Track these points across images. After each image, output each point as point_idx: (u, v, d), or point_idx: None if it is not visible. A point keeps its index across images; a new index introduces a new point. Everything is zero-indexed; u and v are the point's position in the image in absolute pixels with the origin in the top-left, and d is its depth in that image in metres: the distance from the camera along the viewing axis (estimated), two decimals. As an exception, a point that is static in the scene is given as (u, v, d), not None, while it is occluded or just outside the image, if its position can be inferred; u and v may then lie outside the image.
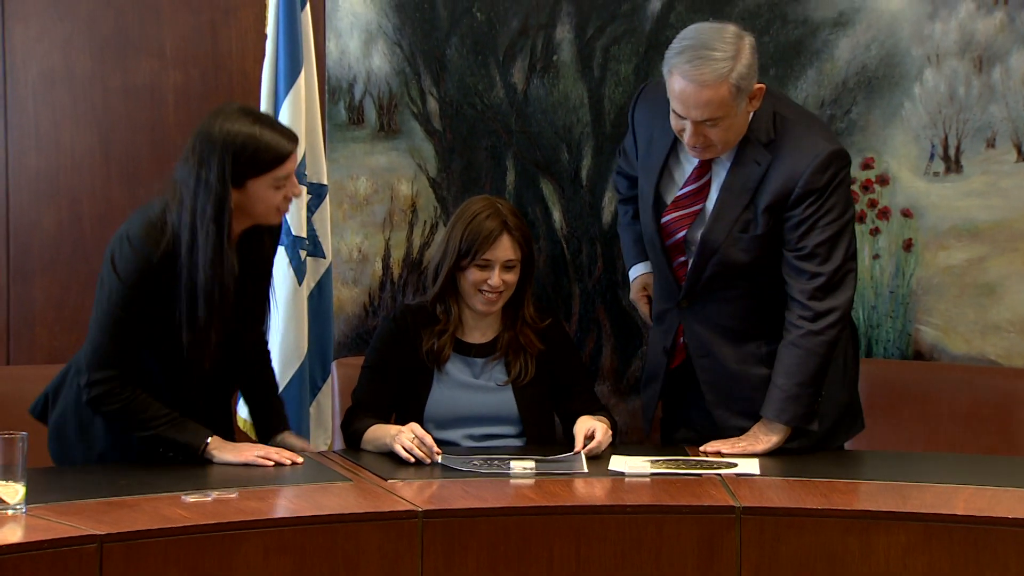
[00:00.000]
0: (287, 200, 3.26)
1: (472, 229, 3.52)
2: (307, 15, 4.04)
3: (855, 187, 4.13)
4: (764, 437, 3.42)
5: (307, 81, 4.00)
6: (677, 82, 3.27)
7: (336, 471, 3.25)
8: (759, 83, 3.32)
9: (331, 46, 4.26)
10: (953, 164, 4.18)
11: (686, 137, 3.33)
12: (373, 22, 4.25)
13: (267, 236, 3.38)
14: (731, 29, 3.30)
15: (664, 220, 3.50)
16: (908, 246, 4.21)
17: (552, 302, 4.29)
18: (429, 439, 3.33)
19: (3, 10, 4.19)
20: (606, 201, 4.27)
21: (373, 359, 3.63)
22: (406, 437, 3.32)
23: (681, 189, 3.48)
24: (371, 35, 4.25)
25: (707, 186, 3.45)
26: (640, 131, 3.59)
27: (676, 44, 3.30)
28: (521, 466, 3.21)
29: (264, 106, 4.00)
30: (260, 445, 3.33)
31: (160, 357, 3.28)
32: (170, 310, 3.22)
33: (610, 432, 3.46)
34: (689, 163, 3.47)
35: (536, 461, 3.24)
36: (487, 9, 4.24)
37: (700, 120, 3.28)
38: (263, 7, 4.08)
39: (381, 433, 3.44)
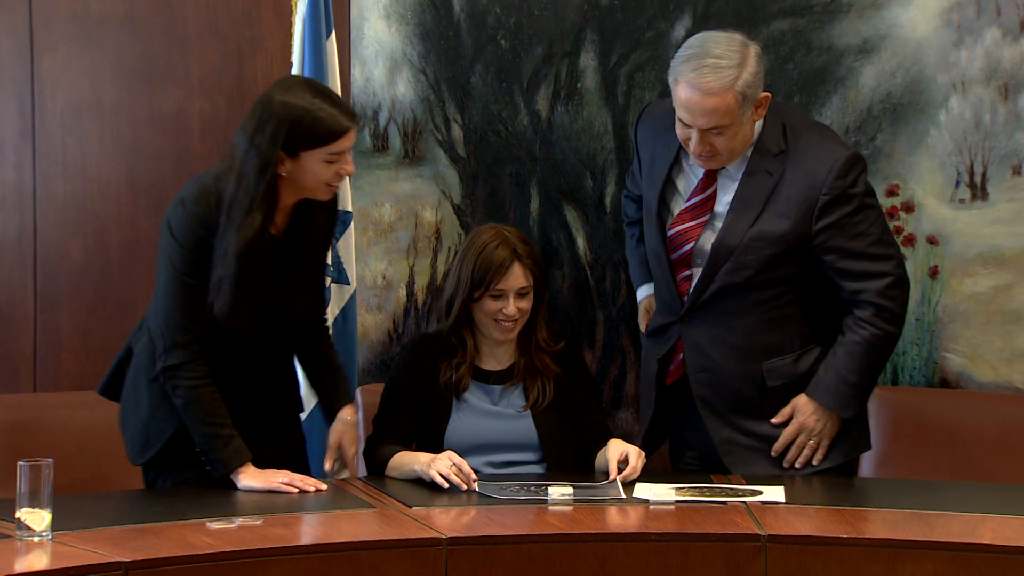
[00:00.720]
0: (339, 177, 3.26)
1: (483, 260, 3.53)
2: (332, 43, 4.07)
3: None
4: (824, 422, 3.44)
5: None
6: (683, 90, 3.29)
7: (360, 498, 3.26)
8: (765, 92, 3.33)
9: (356, 74, 4.28)
10: (979, 191, 4.16)
11: (692, 146, 3.35)
12: (398, 50, 4.28)
13: (320, 212, 3.37)
14: (737, 38, 3.32)
15: (671, 232, 3.51)
16: (934, 273, 4.20)
17: (576, 329, 4.29)
18: (467, 466, 3.33)
19: (32, 40, 4.23)
20: None
21: (392, 388, 3.66)
22: (443, 464, 3.32)
23: (687, 200, 3.49)
24: (396, 63, 4.28)
25: (713, 197, 3.46)
26: (644, 148, 3.61)
27: (682, 52, 3.33)
28: (559, 492, 3.21)
29: None
30: (286, 472, 3.34)
31: (218, 331, 3.28)
32: None
33: (643, 456, 3.45)
34: (694, 173, 3.48)
35: (574, 487, 3.23)
36: (511, 37, 4.26)
37: (706, 128, 3.30)
38: (289, 35, 4.15)
39: (409, 460, 3.45)
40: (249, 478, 3.27)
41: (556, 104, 4.27)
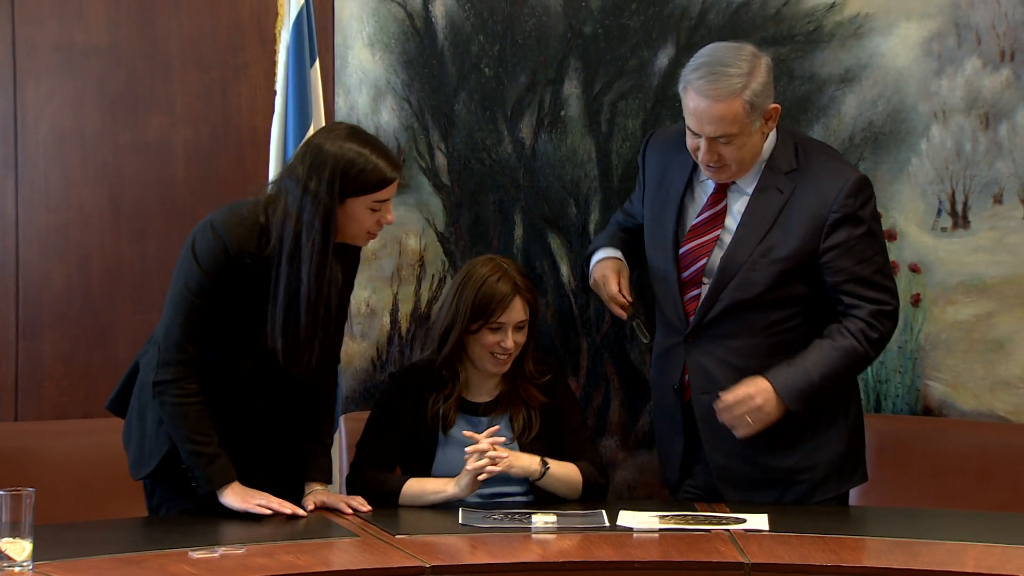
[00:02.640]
0: (379, 225, 3.33)
1: (484, 292, 3.53)
2: (316, 71, 4.06)
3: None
4: (769, 404, 3.38)
5: None
6: (692, 98, 3.31)
7: (343, 526, 3.25)
8: (775, 103, 3.34)
9: (340, 102, 4.27)
10: (960, 220, 4.18)
11: (700, 155, 3.36)
12: (382, 78, 4.27)
13: (348, 257, 3.43)
14: (748, 48, 3.35)
15: (683, 250, 3.50)
16: (916, 301, 4.21)
17: (560, 357, 4.28)
18: (485, 441, 3.39)
19: (14, 69, 4.22)
20: None
21: (379, 414, 3.65)
22: (474, 459, 3.38)
23: (697, 217, 3.50)
24: (380, 91, 4.28)
25: (723, 212, 3.47)
26: (651, 170, 3.61)
27: (692, 62, 3.35)
28: (543, 520, 3.21)
29: (273, 162, 4.04)
30: (266, 495, 3.33)
31: (225, 359, 3.34)
32: (245, 313, 3.28)
33: (512, 457, 3.45)
34: (704, 192, 3.49)
35: (557, 515, 3.24)
36: (495, 65, 4.26)
37: (714, 136, 3.31)
38: (273, 64, 4.14)
39: (432, 488, 3.47)
40: (230, 496, 3.29)
41: (540, 132, 4.28)
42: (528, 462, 3.50)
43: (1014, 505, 3.93)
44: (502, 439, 3.47)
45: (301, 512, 3.31)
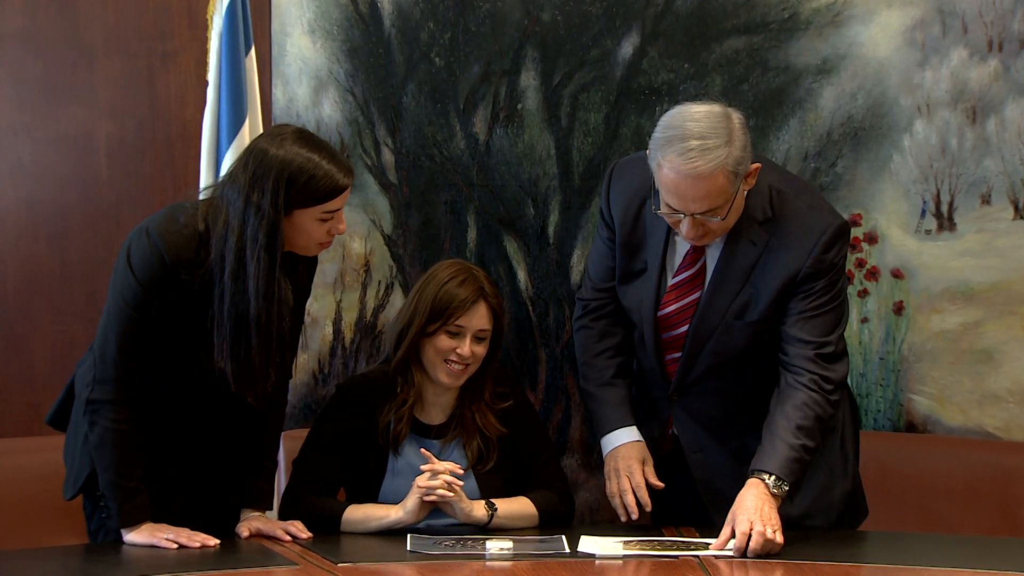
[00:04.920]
0: (330, 236, 3.29)
1: (446, 292, 3.51)
2: (252, 60, 4.04)
3: (842, 245, 4.15)
4: (768, 512, 3.26)
5: (252, 131, 3.99)
6: (668, 175, 3.24)
7: (282, 555, 3.23)
8: (754, 163, 3.31)
9: (278, 93, 4.27)
10: (946, 221, 4.19)
11: (683, 230, 3.31)
12: (323, 68, 4.26)
13: (302, 265, 3.40)
14: (716, 111, 3.26)
15: (662, 313, 3.48)
16: (899, 309, 4.22)
17: (517, 369, 4.28)
18: (442, 465, 3.39)
19: (-78, 56, 4.20)
20: (575, 260, 4.28)
21: (320, 433, 3.61)
22: (426, 478, 3.37)
23: (675, 276, 3.47)
24: (321, 82, 4.27)
25: (702, 271, 3.44)
26: (620, 214, 3.51)
27: (661, 134, 3.26)
28: (498, 547, 3.20)
29: (205, 158, 4.02)
30: (171, 528, 3.29)
31: (168, 379, 3.31)
32: (188, 330, 3.24)
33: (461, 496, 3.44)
34: (684, 246, 3.45)
35: (514, 541, 3.23)
36: (446, 54, 4.25)
37: (699, 212, 3.26)
38: (204, 51, 4.09)
39: (377, 513, 3.45)
40: (136, 535, 3.26)
41: (495, 127, 4.27)
42: (471, 508, 3.47)
43: (1004, 529, 3.95)
44: (460, 471, 3.45)
45: (212, 542, 3.27)
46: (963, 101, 4.17)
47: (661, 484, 3.49)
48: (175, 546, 3.23)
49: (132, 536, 3.26)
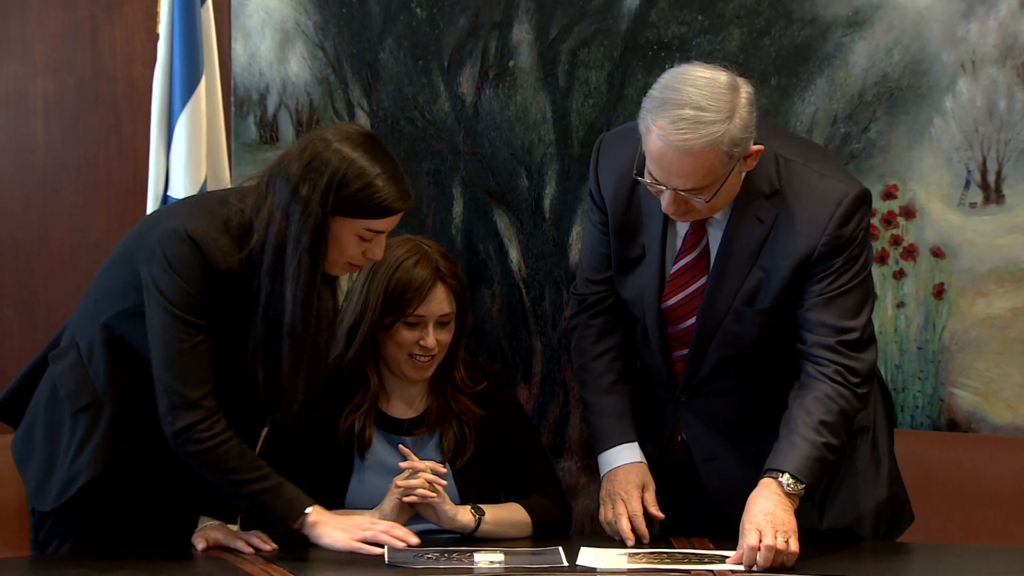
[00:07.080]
0: (364, 258, 3.27)
1: (399, 279, 3.49)
2: (208, 11, 4.06)
3: (874, 220, 4.11)
4: (780, 515, 3.21)
5: (208, 91, 4.02)
6: (655, 142, 3.19)
7: (244, 570, 3.16)
8: (757, 144, 3.25)
9: (238, 48, 4.28)
10: (993, 193, 4.15)
11: (664, 204, 3.27)
12: (289, 19, 4.27)
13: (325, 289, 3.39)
14: (723, 79, 3.20)
15: (666, 305, 3.43)
16: (939, 292, 4.19)
17: (509, 359, 4.28)
18: (423, 463, 3.40)
19: None
20: (573, 237, 4.26)
21: (277, 435, 3.53)
22: (405, 476, 3.38)
23: (676, 263, 3.42)
24: (287, 35, 4.27)
25: (706, 253, 3.40)
26: (611, 192, 3.47)
27: (657, 93, 3.21)
28: (487, 560, 3.17)
29: (156, 121, 4.02)
30: (370, 521, 3.30)
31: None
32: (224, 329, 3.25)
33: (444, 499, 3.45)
34: (683, 226, 3.41)
35: (505, 554, 3.21)
36: (428, 5, 4.25)
37: (683, 189, 3.22)
38: (154, 1, 4.10)
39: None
40: (325, 529, 3.24)
41: (483, 87, 4.25)
42: (455, 512, 3.46)
43: (1058, 539, 3.95)
44: (443, 471, 3.44)
45: (414, 539, 3.25)
46: (1013, 57, 4.12)
47: (661, 515, 3.46)
48: (380, 551, 3.21)
49: (325, 539, 3.24)
